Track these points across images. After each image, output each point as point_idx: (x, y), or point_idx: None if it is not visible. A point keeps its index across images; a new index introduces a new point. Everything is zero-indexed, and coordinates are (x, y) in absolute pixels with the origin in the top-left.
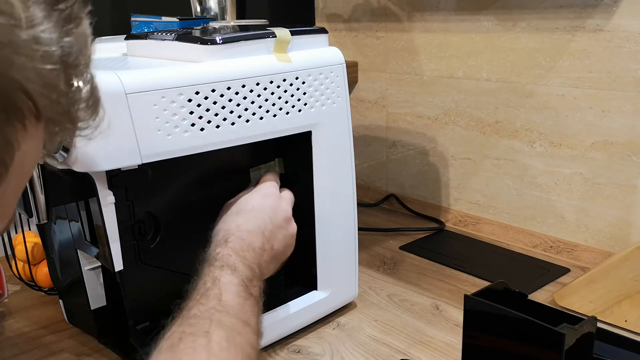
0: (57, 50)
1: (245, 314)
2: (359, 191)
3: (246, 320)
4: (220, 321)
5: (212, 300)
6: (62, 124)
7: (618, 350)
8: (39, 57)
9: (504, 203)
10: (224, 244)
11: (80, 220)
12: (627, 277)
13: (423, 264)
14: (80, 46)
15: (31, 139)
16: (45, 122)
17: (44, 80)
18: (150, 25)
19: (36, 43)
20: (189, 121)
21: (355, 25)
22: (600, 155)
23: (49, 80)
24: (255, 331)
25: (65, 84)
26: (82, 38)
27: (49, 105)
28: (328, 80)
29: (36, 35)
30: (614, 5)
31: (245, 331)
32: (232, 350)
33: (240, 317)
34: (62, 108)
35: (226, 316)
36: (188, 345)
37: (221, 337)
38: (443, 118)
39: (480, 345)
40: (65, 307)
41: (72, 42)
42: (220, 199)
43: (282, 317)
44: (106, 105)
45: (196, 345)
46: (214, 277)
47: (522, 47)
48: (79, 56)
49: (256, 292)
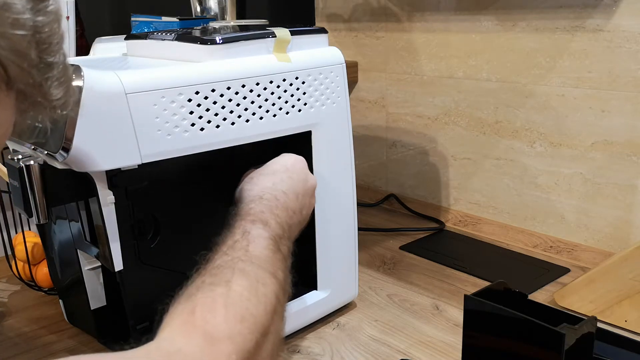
0: (29, 21)
1: (272, 266)
2: (359, 191)
3: (273, 272)
4: (243, 270)
5: (239, 251)
6: (33, 97)
7: (618, 350)
8: (9, 23)
9: (504, 203)
10: (258, 200)
11: (80, 220)
12: (627, 277)
13: (423, 264)
14: (53, 24)
15: (2, 108)
16: (16, 93)
17: (14, 46)
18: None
19: (6, 10)
20: (189, 121)
21: (355, 25)
22: (600, 155)
23: (20, 48)
24: (282, 285)
25: (37, 57)
26: (54, 16)
27: (19, 74)
28: (328, 80)
29: (7, 2)
30: (614, 5)
31: (270, 282)
32: (254, 300)
33: (267, 268)
34: (33, 79)
35: (250, 266)
36: (206, 295)
37: (243, 286)
38: (443, 118)
39: (480, 345)
40: (65, 307)
41: (44, 19)
42: (220, 199)
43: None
44: (106, 105)
45: (215, 295)
46: (244, 230)
47: (522, 47)
48: (51, 34)
49: (285, 250)
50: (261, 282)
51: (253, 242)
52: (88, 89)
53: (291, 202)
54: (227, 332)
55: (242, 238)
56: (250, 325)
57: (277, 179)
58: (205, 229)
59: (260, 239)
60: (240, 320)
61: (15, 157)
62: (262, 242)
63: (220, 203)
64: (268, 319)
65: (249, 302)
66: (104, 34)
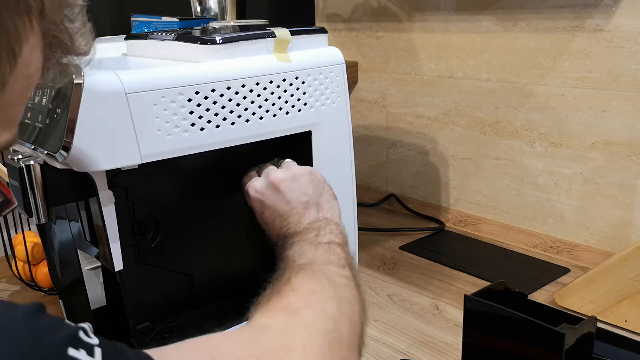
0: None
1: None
2: (359, 191)
3: (327, 260)
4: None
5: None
6: (60, 35)
7: (618, 350)
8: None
9: (504, 203)
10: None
11: (80, 220)
12: (627, 277)
13: (423, 264)
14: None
15: (35, 36)
16: (45, 27)
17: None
18: (150, 25)
19: None
20: (189, 121)
21: (355, 25)
22: (600, 155)
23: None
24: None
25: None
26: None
27: (50, 4)
28: (328, 80)
29: None
30: (614, 5)
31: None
32: (319, 283)
33: (333, 261)
34: (61, 15)
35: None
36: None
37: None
38: (443, 118)
39: (480, 345)
40: (65, 307)
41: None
42: (221, 199)
43: None
44: (106, 105)
45: (286, 288)
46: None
47: (522, 47)
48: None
49: (324, 239)
50: (329, 278)
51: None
52: (88, 89)
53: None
54: (302, 303)
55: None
56: (321, 295)
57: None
58: (205, 229)
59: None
60: (311, 293)
61: (15, 157)
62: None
63: (220, 203)
64: (338, 292)
65: (314, 283)
66: (104, 34)
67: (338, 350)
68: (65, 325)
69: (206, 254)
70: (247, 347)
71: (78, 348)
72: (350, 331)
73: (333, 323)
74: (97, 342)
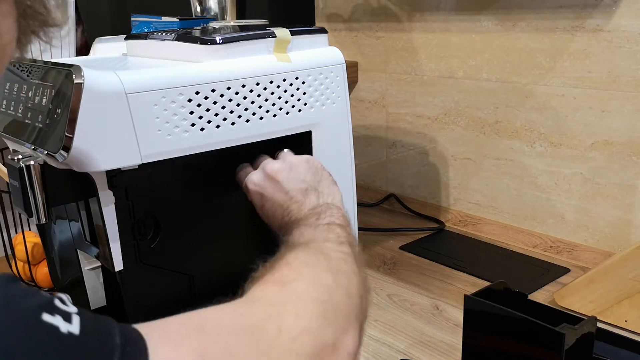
0: None
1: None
2: (359, 191)
3: (325, 238)
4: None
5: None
6: (34, 5)
7: (618, 350)
8: None
9: (504, 203)
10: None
11: (80, 220)
12: (627, 277)
13: (423, 264)
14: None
15: (7, 4)
16: (16, 3)
17: None
18: (150, 25)
19: None
20: (189, 121)
21: (355, 25)
22: (600, 155)
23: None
24: (335, 241)
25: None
26: None
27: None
28: (328, 80)
29: None
30: (614, 5)
31: (321, 245)
32: (313, 257)
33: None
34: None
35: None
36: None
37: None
38: (443, 118)
39: (480, 345)
40: None
41: None
42: (221, 199)
43: None
44: (106, 105)
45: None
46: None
47: (522, 47)
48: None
49: (325, 221)
50: (324, 252)
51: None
52: (88, 89)
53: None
54: (295, 274)
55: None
56: (316, 267)
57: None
58: (205, 229)
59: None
60: (304, 265)
61: (15, 157)
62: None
63: (220, 203)
64: (333, 264)
65: (308, 256)
66: (104, 34)
67: (333, 320)
68: (40, 294)
69: (206, 254)
70: (237, 318)
71: (53, 314)
72: (347, 302)
73: (328, 292)
74: (75, 310)
